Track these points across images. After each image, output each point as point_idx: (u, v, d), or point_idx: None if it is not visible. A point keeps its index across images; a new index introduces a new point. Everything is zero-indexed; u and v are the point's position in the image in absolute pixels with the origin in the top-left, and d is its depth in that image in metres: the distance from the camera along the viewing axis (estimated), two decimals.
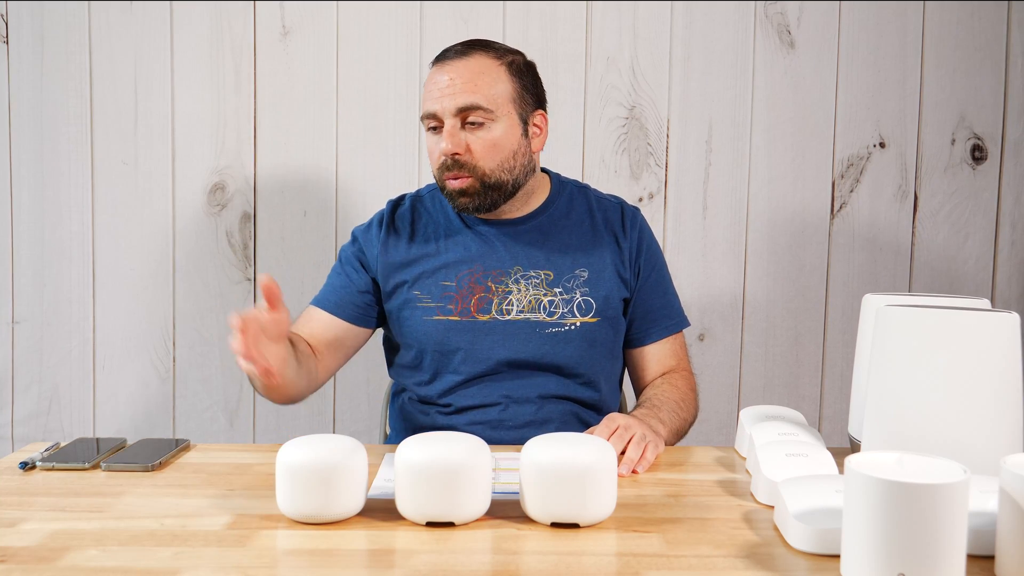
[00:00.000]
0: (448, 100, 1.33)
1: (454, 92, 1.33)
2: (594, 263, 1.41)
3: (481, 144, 1.34)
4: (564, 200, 1.46)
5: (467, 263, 1.39)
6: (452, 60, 1.36)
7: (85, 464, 1.12)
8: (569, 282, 1.39)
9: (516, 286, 1.38)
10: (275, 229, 1.97)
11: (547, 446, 0.94)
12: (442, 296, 1.38)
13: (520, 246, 1.41)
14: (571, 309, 1.38)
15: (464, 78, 1.34)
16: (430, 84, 1.36)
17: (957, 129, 1.96)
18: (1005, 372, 0.96)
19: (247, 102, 1.95)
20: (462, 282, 1.39)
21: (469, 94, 1.33)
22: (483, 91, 1.34)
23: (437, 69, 1.36)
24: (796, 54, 1.95)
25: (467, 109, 1.33)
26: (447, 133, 1.33)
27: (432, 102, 1.34)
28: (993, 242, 1.99)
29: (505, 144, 1.36)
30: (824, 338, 2.00)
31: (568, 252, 1.41)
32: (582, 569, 0.82)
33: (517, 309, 1.37)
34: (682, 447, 1.28)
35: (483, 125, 1.34)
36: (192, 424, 1.99)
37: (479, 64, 1.35)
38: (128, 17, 1.93)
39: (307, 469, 0.92)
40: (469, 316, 1.37)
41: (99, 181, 1.96)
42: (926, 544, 0.73)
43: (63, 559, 0.84)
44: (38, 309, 1.98)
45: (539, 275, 1.39)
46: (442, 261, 1.40)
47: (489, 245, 1.41)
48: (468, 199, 1.35)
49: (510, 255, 1.40)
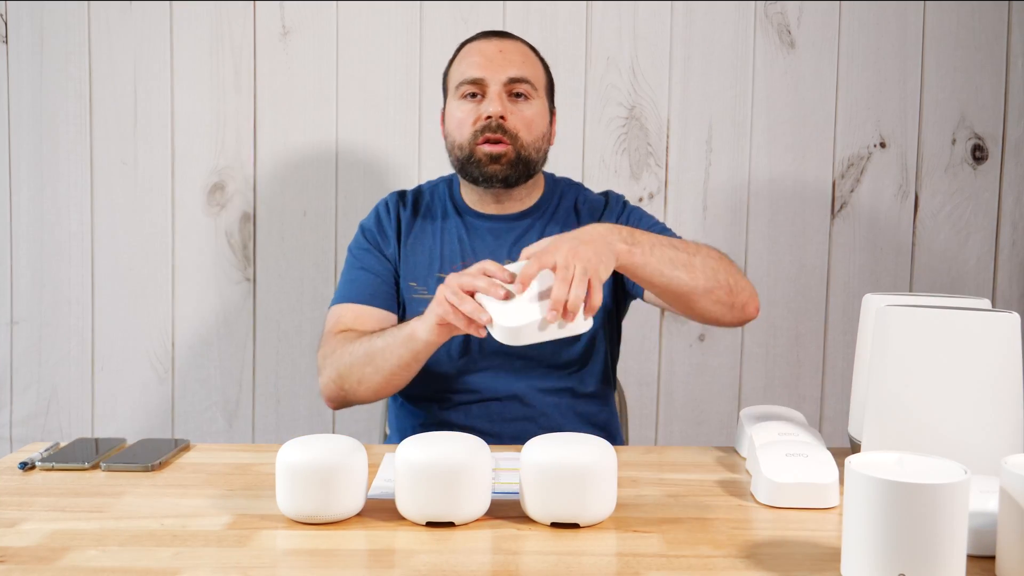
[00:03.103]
0: (499, 69, 1.37)
1: (505, 63, 1.38)
2: None
3: (522, 117, 1.38)
4: (556, 198, 1.49)
5: (460, 256, 1.42)
6: (497, 37, 1.42)
7: (85, 464, 1.12)
8: None
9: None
10: (275, 229, 1.97)
11: (547, 446, 0.94)
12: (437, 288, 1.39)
13: (511, 241, 1.43)
14: None
15: (514, 52, 1.40)
16: (472, 54, 1.40)
17: (957, 129, 1.96)
18: (1005, 372, 0.96)
19: (247, 102, 1.95)
20: None
21: (519, 67, 1.39)
22: (529, 68, 1.41)
23: (483, 42, 1.41)
24: (796, 54, 1.95)
25: (517, 80, 1.38)
26: (495, 96, 1.36)
27: (477, 68, 1.38)
28: (994, 242, 1.99)
29: (540, 124, 1.41)
30: (824, 338, 2.00)
31: None
32: (582, 569, 0.82)
33: None
34: (682, 447, 1.28)
35: (527, 99, 1.39)
36: (191, 424, 1.99)
37: (523, 47, 1.43)
38: (128, 17, 1.93)
39: (307, 469, 0.92)
40: None
41: (98, 181, 1.96)
42: (926, 544, 0.73)
43: (63, 559, 0.84)
44: (37, 309, 1.98)
45: None
46: (438, 253, 1.43)
47: (482, 239, 1.43)
48: (499, 167, 1.37)
49: (501, 249, 1.42)
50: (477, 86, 1.37)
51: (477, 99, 1.38)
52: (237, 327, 1.97)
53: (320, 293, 1.96)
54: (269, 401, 1.99)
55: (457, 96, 1.40)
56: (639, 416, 1.99)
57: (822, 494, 0.98)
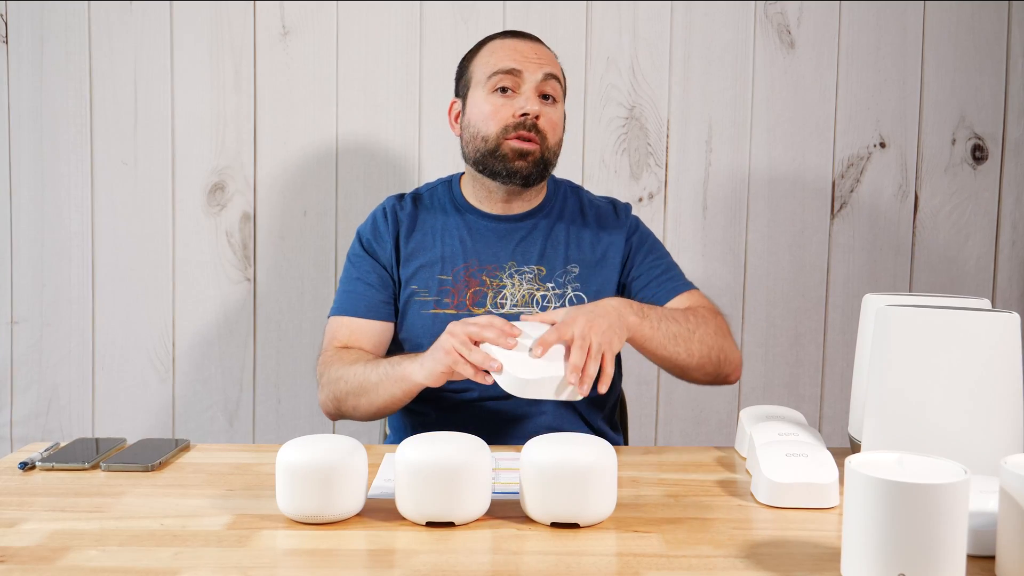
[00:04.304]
0: (535, 65, 1.37)
1: (540, 61, 1.38)
2: (585, 258, 1.43)
3: (549, 119, 1.39)
4: (559, 199, 1.49)
5: (463, 257, 1.42)
6: (531, 39, 1.42)
7: (85, 464, 1.12)
8: (561, 277, 1.42)
9: (510, 280, 1.40)
10: (275, 229, 1.97)
11: (547, 446, 0.94)
12: (439, 290, 1.40)
13: (515, 242, 1.43)
14: (563, 304, 1.40)
15: (545, 53, 1.41)
16: (505, 48, 1.39)
17: (957, 129, 1.96)
18: (1005, 372, 0.96)
19: (247, 102, 1.95)
20: (458, 276, 1.41)
21: (552, 67, 1.40)
22: (558, 70, 1.42)
23: (518, 40, 1.41)
24: (796, 54, 1.95)
25: (551, 77, 1.38)
26: (533, 94, 1.37)
27: (514, 61, 1.37)
28: (994, 242, 1.99)
29: (561, 127, 1.43)
30: (824, 338, 2.00)
31: (560, 248, 1.43)
32: (582, 569, 0.82)
33: (511, 303, 1.39)
34: (682, 447, 1.28)
35: (555, 102, 1.40)
36: (192, 424, 1.99)
37: (550, 52, 1.44)
38: (128, 17, 1.93)
39: (307, 469, 0.92)
40: (465, 309, 1.39)
41: (99, 181, 1.96)
42: (926, 544, 0.73)
43: (63, 559, 0.84)
44: (38, 309, 1.98)
45: (532, 270, 1.41)
46: (438, 255, 1.42)
47: (485, 240, 1.43)
48: (526, 164, 1.38)
49: (505, 250, 1.42)
50: (512, 78, 1.36)
51: (508, 94, 1.37)
52: (237, 327, 1.98)
53: (320, 293, 1.96)
54: (269, 401, 1.99)
55: (487, 87, 1.38)
56: (639, 416, 1.99)
57: (822, 494, 0.98)
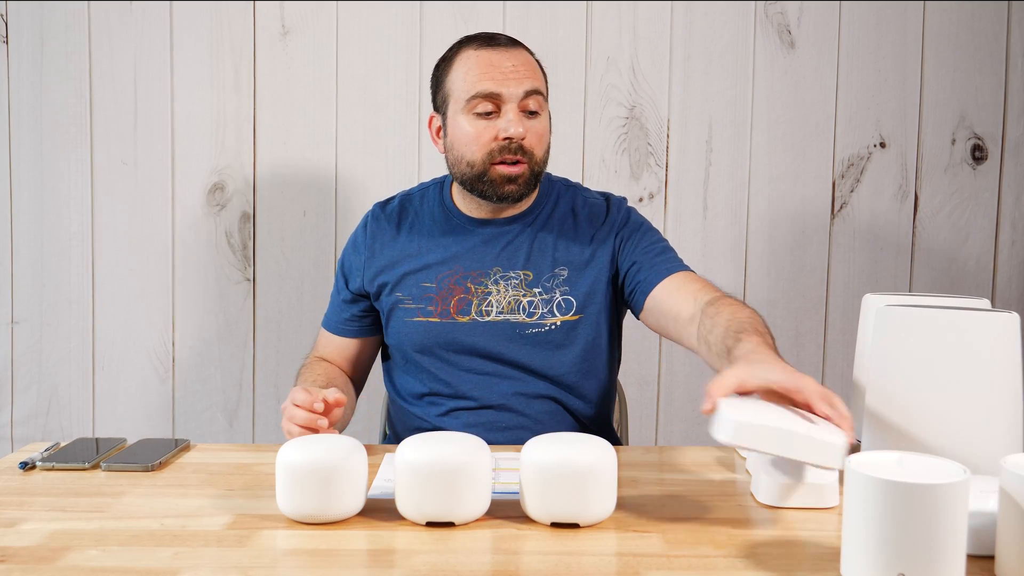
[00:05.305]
0: (515, 84, 1.31)
1: (519, 77, 1.31)
2: (573, 260, 1.38)
3: (535, 133, 1.34)
4: (551, 200, 1.44)
5: (447, 264, 1.38)
6: (507, 47, 1.34)
7: (85, 464, 1.12)
8: (549, 282, 1.37)
9: (496, 287, 1.37)
10: (275, 229, 1.97)
11: (547, 446, 0.94)
12: (423, 298, 1.37)
13: (501, 247, 1.39)
14: (551, 309, 1.36)
15: (525, 64, 1.34)
16: (484, 66, 1.32)
17: (957, 129, 1.96)
18: (1005, 372, 0.96)
19: (247, 102, 1.95)
20: (442, 283, 1.38)
21: (532, 80, 1.33)
22: (539, 79, 1.35)
23: (494, 52, 1.33)
24: (796, 54, 1.95)
25: (532, 93, 1.32)
26: (516, 116, 1.31)
27: (495, 83, 1.30)
28: (993, 242, 1.99)
29: (547, 136, 1.38)
30: (824, 338, 2.00)
31: (547, 251, 1.39)
32: (582, 569, 0.82)
33: (496, 310, 1.36)
34: (682, 447, 1.28)
35: (538, 114, 1.35)
36: (192, 424, 1.99)
37: (527, 55, 1.37)
38: (128, 17, 1.93)
39: (307, 469, 0.92)
40: (448, 317, 1.36)
41: (99, 181, 1.96)
42: (926, 544, 0.73)
43: (63, 559, 0.84)
44: (38, 309, 1.98)
45: (518, 275, 1.37)
46: (423, 262, 1.39)
47: (470, 246, 1.39)
48: (515, 187, 1.33)
49: (490, 256, 1.38)
50: (494, 101, 1.31)
51: (490, 116, 1.31)
52: (237, 327, 1.98)
53: (320, 293, 1.96)
54: (269, 401, 1.99)
55: (466, 110, 1.32)
56: (639, 416, 1.99)
57: (822, 494, 0.98)
